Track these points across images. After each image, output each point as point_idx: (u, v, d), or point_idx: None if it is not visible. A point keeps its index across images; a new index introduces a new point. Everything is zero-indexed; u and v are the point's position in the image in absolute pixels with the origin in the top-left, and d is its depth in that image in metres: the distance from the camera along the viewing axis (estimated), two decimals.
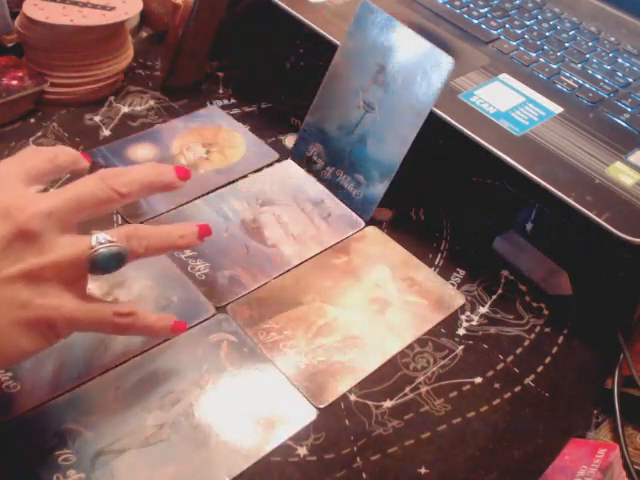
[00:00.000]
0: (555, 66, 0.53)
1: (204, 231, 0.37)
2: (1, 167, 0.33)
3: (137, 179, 0.34)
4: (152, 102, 0.58)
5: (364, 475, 0.35)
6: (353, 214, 0.49)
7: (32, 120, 0.55)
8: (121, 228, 0.33)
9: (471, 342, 0.42)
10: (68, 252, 0.31)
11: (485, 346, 0.42)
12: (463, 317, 0.44)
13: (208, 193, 0.50)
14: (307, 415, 0.37)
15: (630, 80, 0.53)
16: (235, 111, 0.58)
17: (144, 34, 0.67)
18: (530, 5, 0.60)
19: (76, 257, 0.32)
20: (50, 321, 0.31)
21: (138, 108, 0.57)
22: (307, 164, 0.52)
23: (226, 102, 0.59)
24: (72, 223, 0.33)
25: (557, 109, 0.48)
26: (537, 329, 0.44)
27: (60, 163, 0.35)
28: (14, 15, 0.56)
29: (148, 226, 0.35)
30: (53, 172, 0.35)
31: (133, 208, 0.47)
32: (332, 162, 0.51)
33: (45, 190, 0.34)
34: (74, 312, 0.32)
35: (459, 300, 0.45)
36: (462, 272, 0.47)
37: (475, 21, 0.57)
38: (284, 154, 0.54)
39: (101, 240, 0.32)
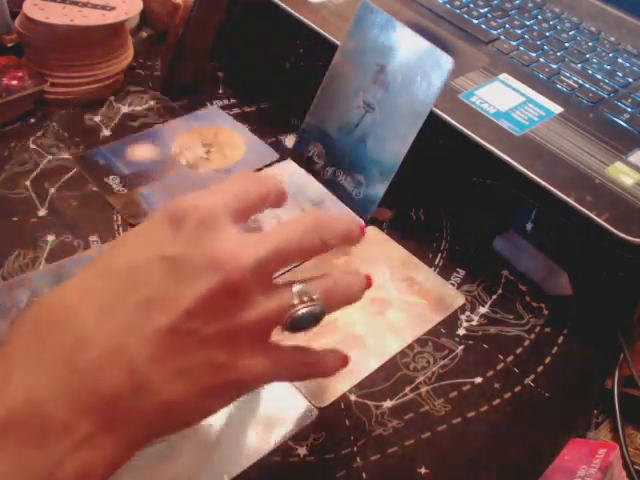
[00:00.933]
0: (555, 66, 0.53)
1: (369, 282, 0.33)
2: (214, 198, 0.29)
3: (341, 233, 0.31)
4: (152, 102, 0.58)
5: (364, 475, 0.35)
6: (353, 214, 0.49)
7: (32, 120, 0.55)
8: (321, 282, 0.30)
9: (471, 342, 0.42)
10: (271, 311, 0.28)
11: (485, 346, 0.42)
12: (463, 317, 0.44)
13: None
14: (307, 415, 0.37)
15: (630, 80, 0.53)
16: (235, 111, 0.58)
17: (144, 34, 0.67)
18: (530, 5, 0.60)
19: (278, 317, 0.29)
20: (241, 383, 0.29)
21: (138, 108, 0.57)
22: (307, 164, 0.52)
23: (226, 102, 0.59)
24: (273, 274, 0.29)
25: (557, 109, 0.48)
26: (537, 329, 0.44)
27: (270, 202, 0.31)
28: (14, 15, 0.56)
29: (339, 275, 0.32)
30: (261, 210, 0.31)
31: (134, 208, 0.47)
32: (332, 162, 0.51)
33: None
34: (267, 370, 0.29)
35: (459, 300, 0.45)
36: (462, 272, 0.47)
37: (475, 21, 0.57)
38: (284, 154, 0.54)
39: (303, 298, 0.29)
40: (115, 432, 0.25)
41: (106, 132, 0.54)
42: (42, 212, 0.47)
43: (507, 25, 0.57)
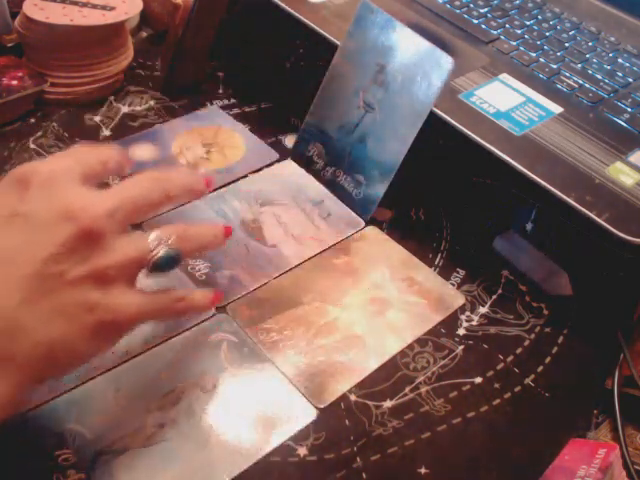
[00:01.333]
0: (555, 66, 0.53)
1: (228, 232, 0.38)
2: (55, 164, 0.33)
3: (181, 185, 0.35)
4: (152, 102, 0.58)
5: (364, 475, 0.35)
6: (353, 214, 0.49)
7: (32, 120, 0.55)
8: (170, 228, 0.34)
9: (471, 342, 0.42)
10: (131, 253, 0.32)
11: (485, 346, 0.42)
12: (463, 317, 0.44)
13: (208, 193, 0.50)
14: (307, 415, 0.37)
15: (630, 80, 0.53)
16: (235, 111, 0.58)
17: (144, 34, 0.67)
18: (530, 5, 0.60)
19: (139, 258, 0.32)
20: (117, 322, 0.31)
21: (138, 108, 0.57)
22: (307, 164, 0.52)
23: (226, 102, 0.59)
24: (128, 224, 0.33)
25: (557, 109, 0.48)
26: (537, 329, 0.44)
27: (111, 167, 0.35)
28: (14, 15, 0.56)
29: (189, 226, 0.35)
30: (103, 175, 0.35)
31: None
32: (332, 162, 0.51)
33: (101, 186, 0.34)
34: (141, 308, 0.32)
35: (459, 300, 0.45)
36: (462, 272, 0.47)
37: (475, 21, 0.57)
38: (284, 154, 0.54)
39: (158, 240, 0.33)
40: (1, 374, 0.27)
41: (106, 132, 0.54)
42: None
43: (507, 25, 0.57)
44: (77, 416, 0.35)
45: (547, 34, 0.57)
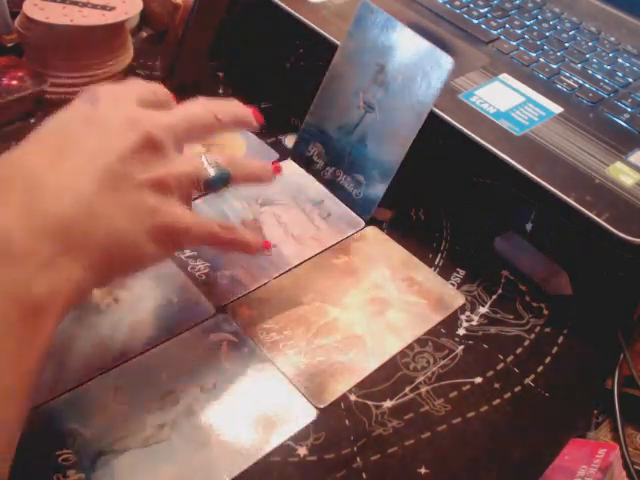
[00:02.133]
0: (555, 66, 0.53)
1: (277, 169, 0.41)
2: (119, 88, 0.36)
3: (232, 111, 0.39)
4: None
5: (364, 475, 0.35)
6: (353, 214, 0.49)
7: (32, 120, 0.55)
8: (220, 154, 0.37)
9: (471, 342, 0.42)
10: (188, 168, 0.34)
11: (485, 346, 0.42)
12: (463, 317, 0.44)
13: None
14: (307, 415, 0.37)
15: (630, 80, 0.53)
16: None
17: (144, 34, 0.67)
18: (530, 5, 0.60)
19: (195, 174, 0.35)
20: (174, 229, 0.33)
21: None
22: (307, 164, 0.52)
23: None
24: (184, 142, 0.36)
25: (557, 109, 0.48)
26: (537, 329, 0.44)
27: (161, 97, 0.37)
28: (14, 15, 0.56)
29: (238, 156, 0.39)
30: (155, 105, 0.36)
31: None
32: (332, 162, 0.51)
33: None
34: (193, 223, 0.34)
35: (459, 300, 0.45)
36: (462, 272, 0.47)
37: (475, 21, 0.57)
38: (284, 154, 0.54)
39: (210, 162, 0.35)
40: (74, 254, 0.29)
41: None
42: None
43: (507, 25, 0.57)
44: (77, 416, 0.35)
45: (547, 34, 0.57)
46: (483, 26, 0.57)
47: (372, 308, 0.43)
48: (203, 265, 0.44)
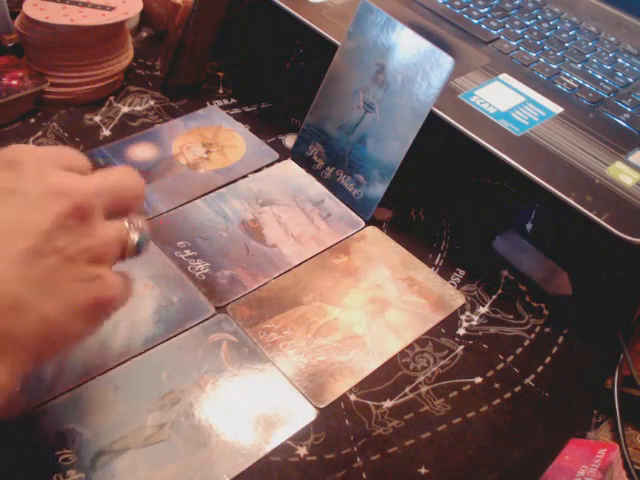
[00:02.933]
0: (555, 66, 0.53)
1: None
2: (43, 150, 0.33)
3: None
4: (152, 102, 0.58)
5: (364, 475, 0.35)
6: (353, 214, 0.49)
7: (32, 120, 0.55)
8: (135, 216, 0.35)
9: (471, 342, 0.42)
10: (116, 235, 0.32)
11: (485, 346, 0.42)
12: (463, 317, 0.44)
13: (208, 193, 0.50)
14: (307, 415, 0.37)
15: (630, 80, 0.53)
16: (235, 111, 0.58)
17: (144, 34, 0.67)
18: (530, 5, 0.60)
19: (123, 241, 0.33)
20: (109, 300, 0.31)
21: (138, 108, 0.57)
22: (307, 164, 0.53)
23: (226, 102, 0.59)
24: (109, 209, 0.33)
25: (557, 109, 0.48)
26: (537, 329, 0.44)
27: (82, 164, 0.35)
28: (14, 15, 0.56)
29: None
30: (78, 171, 0.35)
31: None
32: (332, 162, 0.51)
33: None
34: (126, 290, 0.33)
35: (459, 300, 0.45)
36: (462, 272, 0.47)
37: (475, 21, 0.57)
38: (284, 154, 0.54)
39: (132, 227, 0.33)
40: (1, 355, 0.27)
41: (106, 132, 0.54)
42: None
43: (507, 25, 0.57)
44: (77, 416, 0.35)
45: (547, 34, 0.57)
46: (483, 26, 0.57)
47: (372, 308, 0.43)
48: (203, 265, 0.44)
